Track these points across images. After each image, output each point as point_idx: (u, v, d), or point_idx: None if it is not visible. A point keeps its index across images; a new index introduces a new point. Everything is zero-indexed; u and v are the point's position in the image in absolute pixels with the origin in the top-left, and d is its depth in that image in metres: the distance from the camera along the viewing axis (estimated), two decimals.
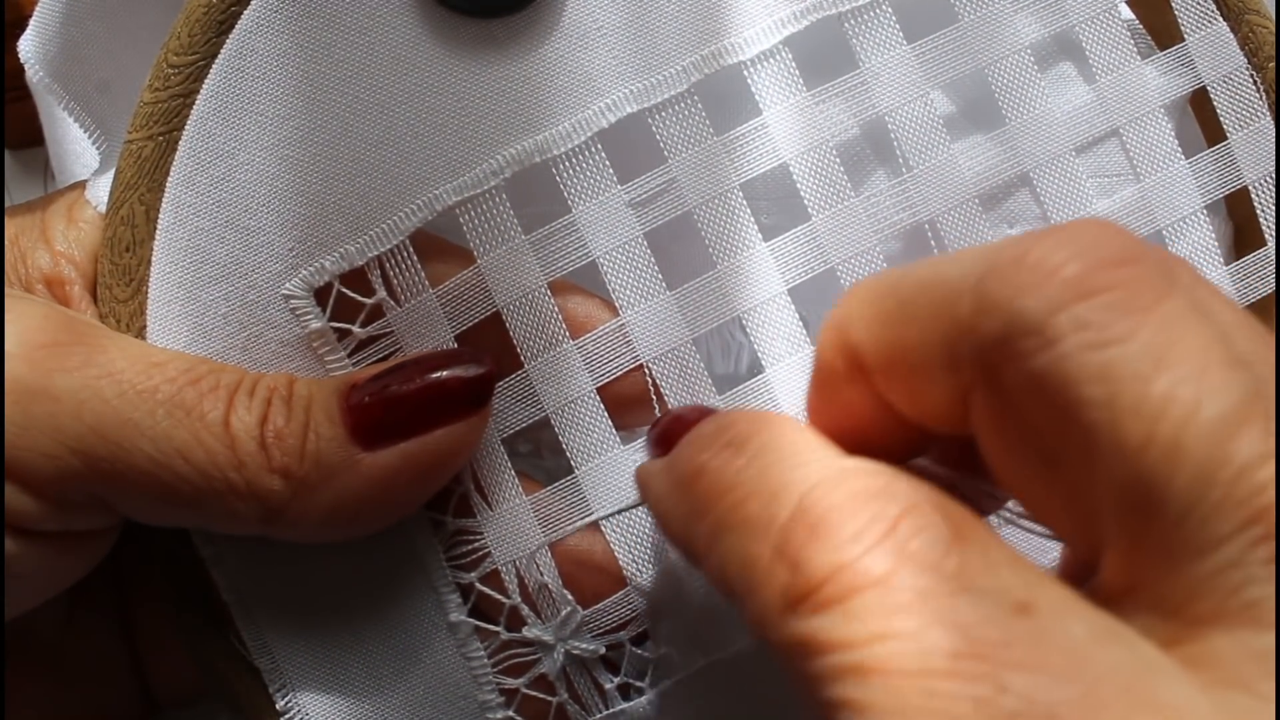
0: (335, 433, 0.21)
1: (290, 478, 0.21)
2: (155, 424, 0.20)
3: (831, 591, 0.15)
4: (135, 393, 0.21)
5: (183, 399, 0.21)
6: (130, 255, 0.23)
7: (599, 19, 0.23)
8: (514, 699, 0.24)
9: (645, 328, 0.24)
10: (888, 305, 0.17)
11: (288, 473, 0.21)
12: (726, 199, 0.24)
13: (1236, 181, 0.26)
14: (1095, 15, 0.25)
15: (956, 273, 0.16)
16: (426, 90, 0.23)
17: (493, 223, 0.23)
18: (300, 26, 0.22)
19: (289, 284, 0.23)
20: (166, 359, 0.21)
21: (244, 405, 0.21)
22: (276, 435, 0.21)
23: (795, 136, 0.24)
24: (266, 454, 0.21)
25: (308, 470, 0.21)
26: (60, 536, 0.21)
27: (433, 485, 0.23)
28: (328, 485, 0.21)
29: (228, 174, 0.22)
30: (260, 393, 0.21)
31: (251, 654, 0.24)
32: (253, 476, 0.21)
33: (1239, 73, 0.26)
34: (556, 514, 0.24)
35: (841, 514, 0.15)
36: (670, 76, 0.23)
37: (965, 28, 0.25)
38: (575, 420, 0.24)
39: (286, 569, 0.24)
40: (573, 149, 0.23)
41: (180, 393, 0.21)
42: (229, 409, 0.21)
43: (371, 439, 0.21)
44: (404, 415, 0.21)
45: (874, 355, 0.18)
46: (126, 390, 0.21)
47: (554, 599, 0.24)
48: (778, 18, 0.24)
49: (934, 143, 0.25)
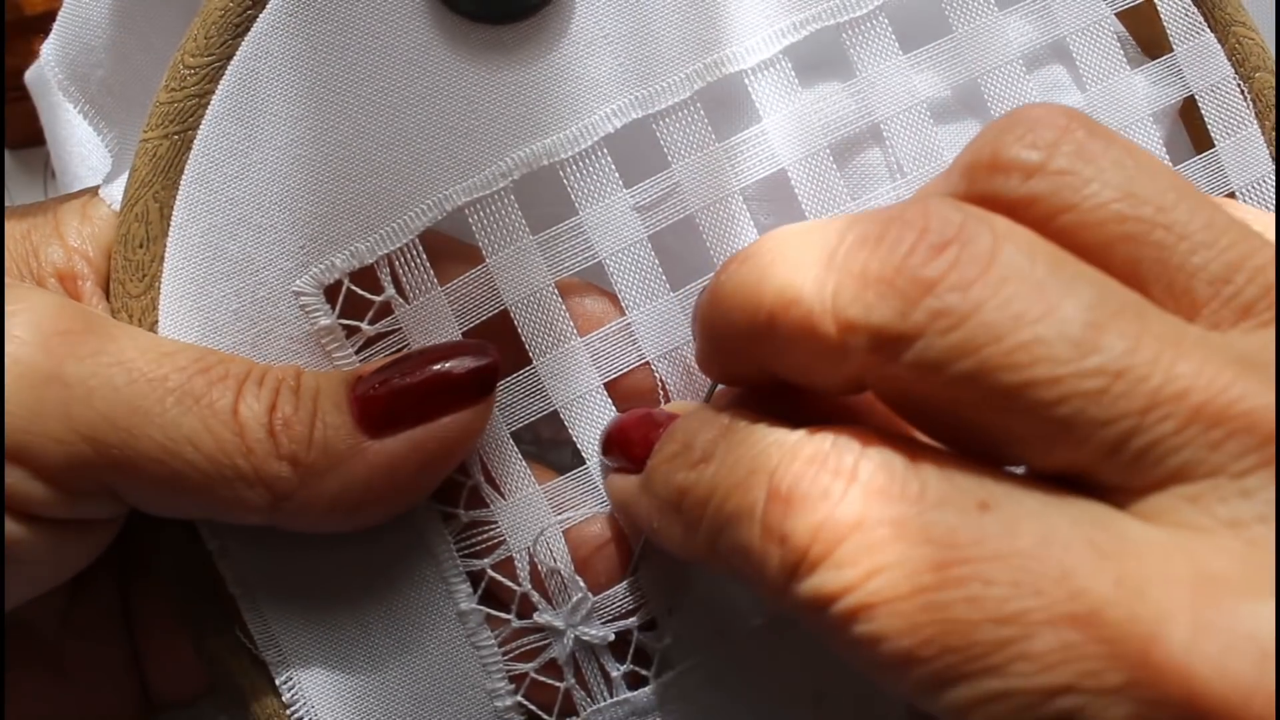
0: (342, 420, 0.22)
1: (298, 465, 0.21)
2: (164, 411, 0.21)
3: (818, 550, 0.16)
4: (145, 381, 0.21)
5: (192, 387, 0.21)
6: (143, 251, 0.23)
7: (605, 27, 0.24)
8: (522, 685, 0.24)
9: (650, 327, 0.24)
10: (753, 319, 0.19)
11: (295, 460, 0.21)
12: (727, 203, 0.24)
13: (1224, 188, 0.27)
14: (1086, 26, 0.26)
15: (811, 292, 0.17)
16: (437, 93, 0.23)
17: (501, 223, 0.24)
18: (315, 30, 0.23)
19: (299, 281, 0.23)
20: (176, 349, 0.22)
21: (253, 394, 0.21)
22: (284, 423, 0.21)
23: (794, 143, 0.25)
24: (274, 441, 0.21)
25: (315, 457, 0.21)
26: (66, 524, 0.21)
27: (438, 473, 0.23)
28: (334, 472, 0.21)
29: (241, 172, 0.23)
30: (269, 383, 0.22)
31: (257, 646, 0.24)
32: (260, 463, 0.21)
33: (1226, 82, 0.27)
34: (570, 501, 0.24)
35: (804, 480, 0.17)
36: (674, 84, 0.24)
37: (959, 38, 0.25)
38: (584, 414, 0.24)
39: (293, 562, 0.24)
40: (579, 153, 0.24)
41: (189, 381, 0.21)
42: (238, 397, 0.21)
43: (378, 427, 0.22)
44: (410, 403, 0.22)
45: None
46: (137, 378, 0.21)
47: (565, 584, 0.24)
48: (778, 28, 0.24)
49: (929, 150, 0.25)
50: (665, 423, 0.22)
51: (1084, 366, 0.15)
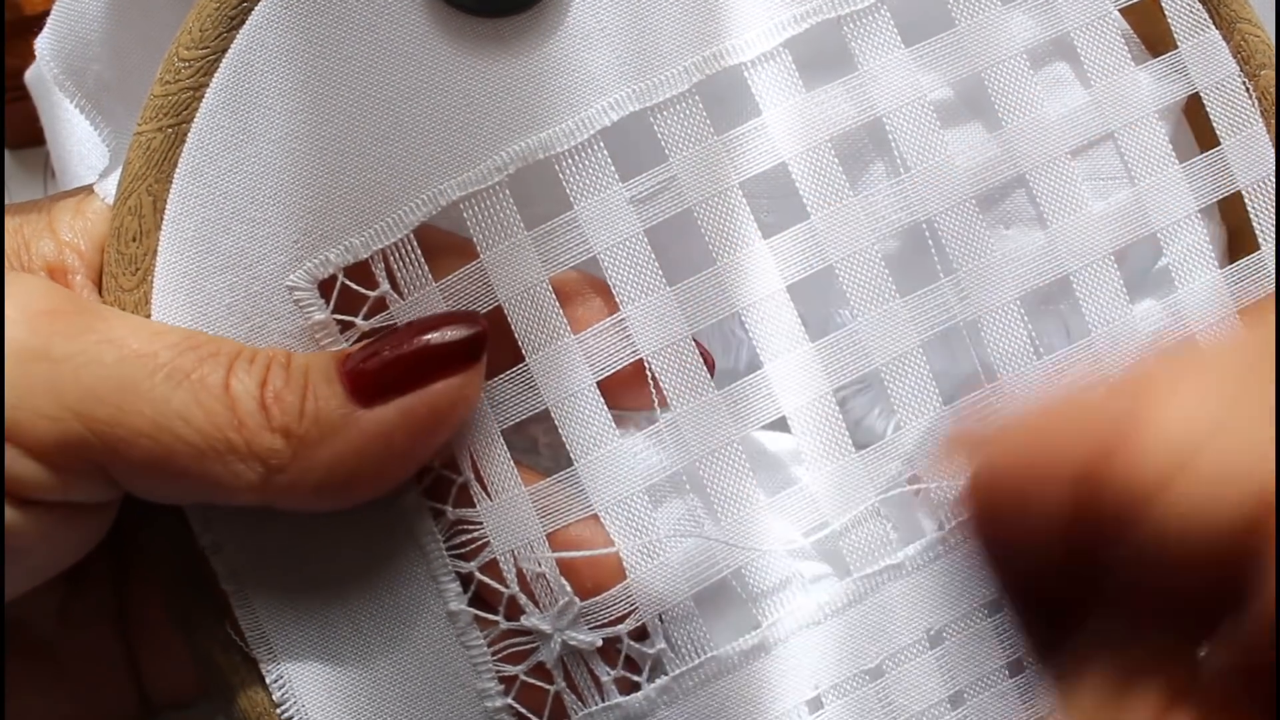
0: (333, 391, 0.21)
1: (290, 436, 0.21)
2: (154, 387, 0.20)
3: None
4: (135, 357, 0.21)
5: (182, 364, 0.21)
6: (136, 245, 0.23)
7: (602, 20, 0.23)
8: (512, 687, 0.24)
9: (645, 322, 0.24)
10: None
11: (288, 431, 0.21)
12: (726, 197, 0.24)
13: (1230, 186, 0.26)
14: (1090, 21, 0.26)
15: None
16: (432, 87, 0.23)
17: (496, 218, 0.23)
18: (310, 23, 0.22)
19: (293, 275, 0.23)
20: (166, 329, 0.22)
21: (244, 370, 0.21)
22: (276, 396, 0.21)
23: (794, 136, 0.24)
24: (266, 414, 0.21)
25: (307, 428, 0.21)
26: (59, 508, 0.21)
27: (431, 442, 0.23)
28: (327, 442, 0.21)
29: (235, 166, 0.23)
30: (260, 360, 0.22)
31: (248, 643, 0.24)
32: (252, 436, 0.21)
33: (1231, 79, 0.26)
34: (556, 505, 0.24)
35: None
36: (672, 77, 0.24)
37: (961, 32, 0.25)
38: (575, 413, 0.24)
39: (285, 558, 0.24)
40: (575, 146, 0.23)
41: (180, 358, 0.21)
42: (229, 373, 0.21)
43: (369, 396, 0.22)
44: (400, 372, 0.22)
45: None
46: (126, 355, 0.21)
47: (551, 589, 0.24)
48: (778, 20, 0.24)
49: (931, 144, 0.25)
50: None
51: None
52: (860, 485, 0.25)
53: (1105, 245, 0.26)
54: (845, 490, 0.25)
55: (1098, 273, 0.26)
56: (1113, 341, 0.26)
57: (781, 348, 0.24)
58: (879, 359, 0.25)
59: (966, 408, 0.25)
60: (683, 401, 0.24)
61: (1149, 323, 0.26)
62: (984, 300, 0.25)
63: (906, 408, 0.25)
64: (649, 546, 0.24)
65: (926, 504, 0.25)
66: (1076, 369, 0.26)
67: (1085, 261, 0.26)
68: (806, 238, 0.24)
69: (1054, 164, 0.25)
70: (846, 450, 0.25)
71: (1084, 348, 0.26)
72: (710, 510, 0.24)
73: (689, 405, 0.24)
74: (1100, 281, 0.26)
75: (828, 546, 0.25)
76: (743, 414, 0.24)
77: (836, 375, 0.25)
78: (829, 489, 0.25)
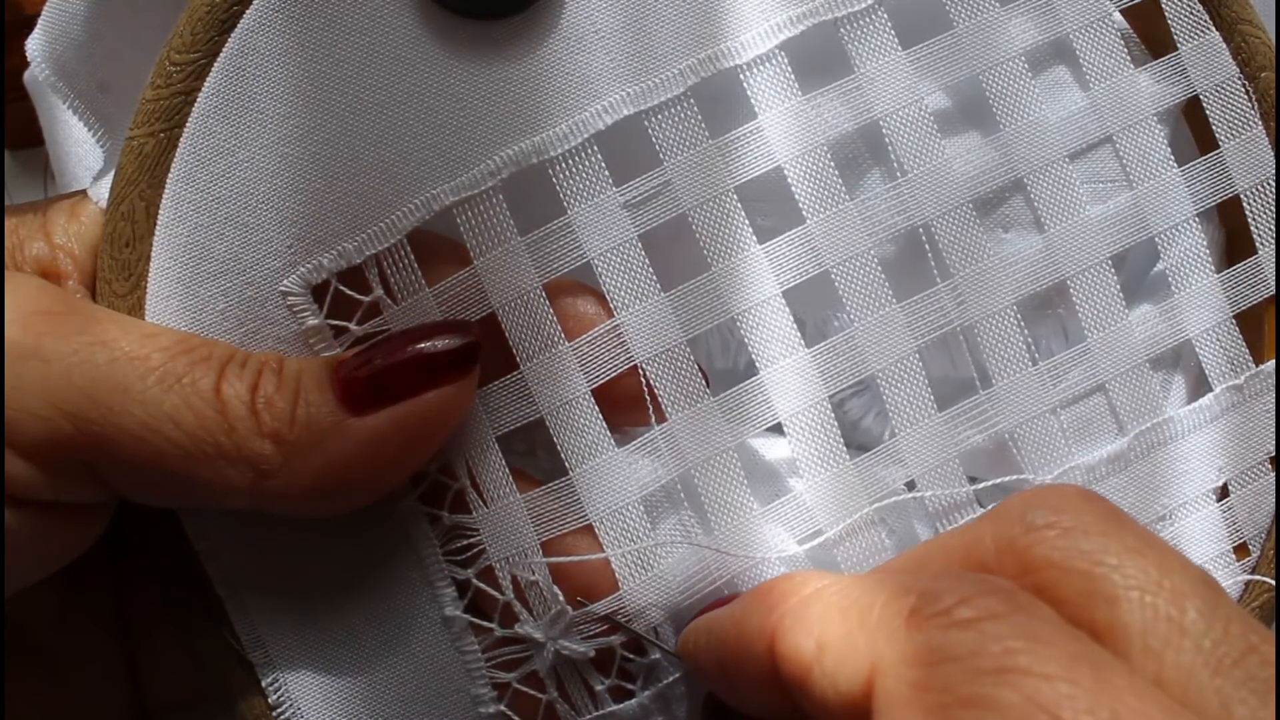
0: (325, 398, 0.21)
1: (281, 442, 0.21)
2: (145, 389, 0.20)
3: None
4: (127, 359, 0.21)
5: (174, 367, 0.21)
6: (130, 250, 0.23)
7: (596, 22, 0.23)
8: (506, 693, 0.24)
9: (639, 329, 0.24)
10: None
11: (278, 437, 0.21)
12: (721, 201, 0.24)
13: (1229, 189, 0.26)
14: (1089, 23, 0.25)
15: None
16: (425, 91, 0.23)
17: (489, 223, 0.23)
18: (301, 26, 0.22)
19: (287, 281, 0.23)
20: (159, 331, 0.22)
21: (235, 374, 0.21)
22: (267, 401, 0.21)
23: (790, 140, 0.24)
24: (257, 419, 0.21)
25: (298, 434, 0.21)
26: (52, 508, 0.21)
27: (421, 451, 0.23)
28: (318, 449, 0.21)
29: (228, 171, 0.23)
30: (251, 365, 0.22)
31: (244, 647, 0.24)
32: (243, 440, 0.21)
33: (1231, 82, 0.26)
34: (550, 514, 0.24)
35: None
36: (666, 80, 0.24)
37: (960, 34, 0.25)
38: (569, 422, 0.24)
39: (280, 562, 0.24)
40: (569, 150, 0.23)
41: (172, 361, 0.21)
42: (220, 377, 0.21)
43: (361, 404, 0.21)
44: (392, 381, 0.22)
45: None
46: (118, 356, 0.21)
47: (544, 597, 0.24)
48: (774, 22, 0.24)
49: (928, 148, 0.25)
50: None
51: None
52: (855, 493, 0.25)
53: (1103, 249, 0.26)
54: (840, 498, 0.25)
55: (1095, 277, 0.26)
56: (1109, 346, 0.26)
57: (777, 353, 0.24)
58: (875, 365, 0.25)
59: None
60: (678, 408, 0.24)
61: (1145, 328, 0.26)
62: (981, 305, 0.25)
63: (902, 414, 0.25)
64: (643, 556, 0.24)
65: (922, 511, 0.25)
66: (1074, 374, 0.26)
67: (1083, 266, 0.25)
68: (802, 242, 0.24)
69: (1052, 168, 0.25)
70: (841, 457, 0.25)
71: (1080, 353, 0.26)
72: (704, 519, 0.24)
73: (684, 412, 0.24)
74: (1097, 286, 0.26)
75: (822, 555, 0.25)
76: (738, 420, 0.24)
77: (832, 381, 0.25)
78: (823, 497, 0.24)
